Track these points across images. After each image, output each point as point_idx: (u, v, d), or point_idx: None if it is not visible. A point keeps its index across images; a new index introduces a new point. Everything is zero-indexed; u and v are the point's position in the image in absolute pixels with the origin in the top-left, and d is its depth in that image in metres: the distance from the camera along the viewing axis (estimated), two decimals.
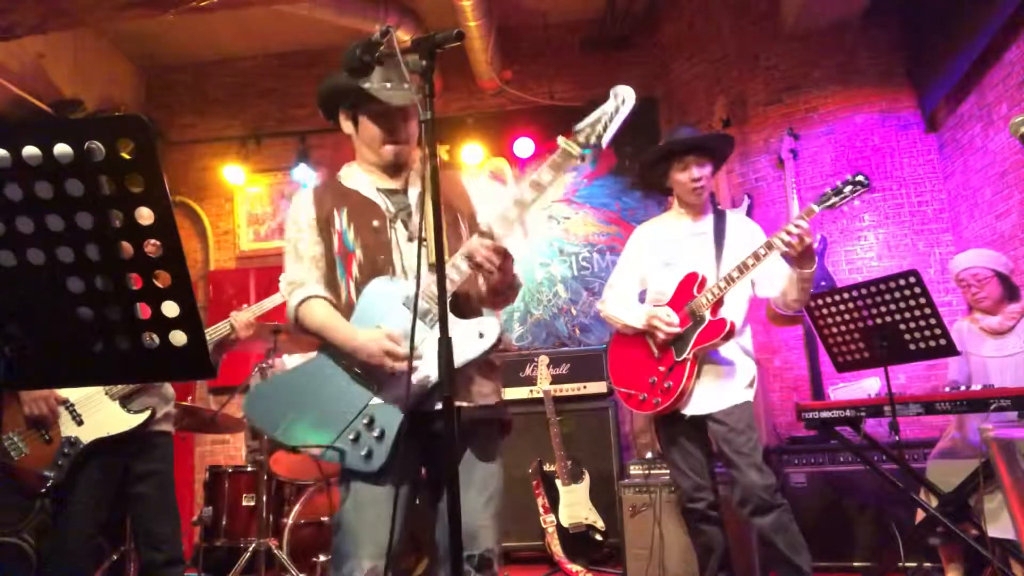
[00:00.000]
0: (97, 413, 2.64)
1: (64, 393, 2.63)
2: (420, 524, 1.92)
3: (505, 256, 1.84)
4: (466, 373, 1.86)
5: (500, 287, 1.94)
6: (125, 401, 2.67)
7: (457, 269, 1.83)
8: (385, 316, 1.87)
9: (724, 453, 2.75)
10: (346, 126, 2.06)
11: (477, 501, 1.81)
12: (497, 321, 1.85)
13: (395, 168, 2.04)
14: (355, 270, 1.94)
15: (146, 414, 2.67)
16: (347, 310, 1.94)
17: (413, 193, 2.02)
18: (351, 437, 1.81)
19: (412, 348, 1.68)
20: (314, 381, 1.90)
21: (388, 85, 1.92)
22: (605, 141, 1.87)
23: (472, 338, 1.82)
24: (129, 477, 2.70)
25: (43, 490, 2.57)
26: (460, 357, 1.75)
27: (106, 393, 2.67)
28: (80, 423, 2.62)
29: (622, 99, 1.87)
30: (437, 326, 1.75)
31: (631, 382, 2.89)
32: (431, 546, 1.89)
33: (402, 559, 1.85)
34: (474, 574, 1.79)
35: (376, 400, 1.84)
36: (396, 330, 1.82)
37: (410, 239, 1.95)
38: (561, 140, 1.86)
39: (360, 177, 2.04)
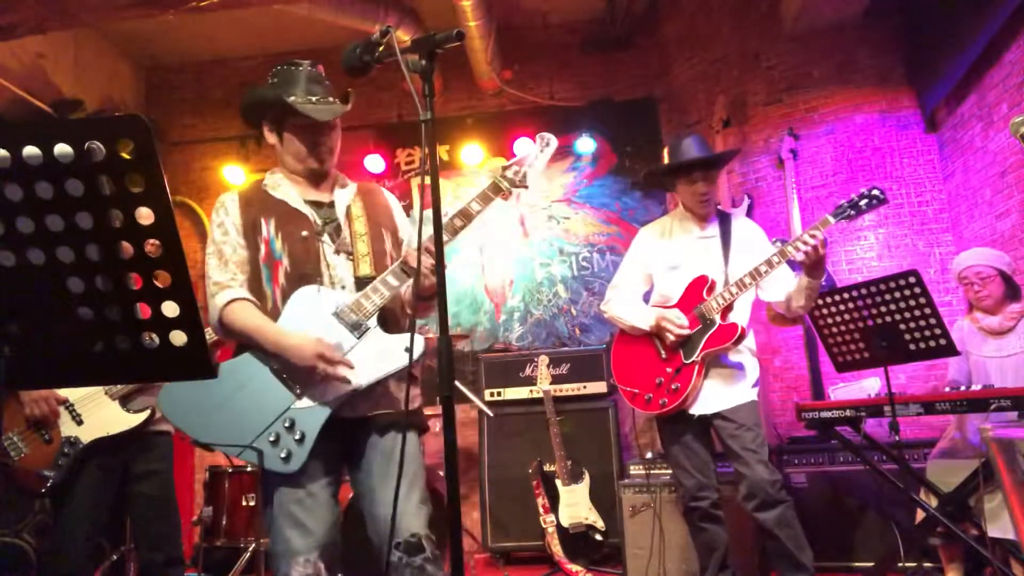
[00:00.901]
0: (97, 413, 2.64)
1: (64, 393, 2.63)
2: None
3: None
4: (387, 383, 1.95)
5: (429, 293, 1.99)
6: (125, 401, 2.68)
7: (387, 284, 1.93)
8: (312, 324, 1.91)
9: (731, 449, 2.76)
10: (270, 137, 2.09)
11: (391, 496, 1.85)
12: (421, 338, 1.94)
13: (319, 177, 2.09)
14: (281, 278, 1.98)
15: (146, 414, 2.67)
16: (272, 316, 1.96)
17: (340, 206, 2.08)
18: (270, 439, 1.85)
19: (411, 356, 1.70)
20: (235, 380, 1.90)
21: (313, 99, 1.99)
22: (530, 179, 2.05)
23: (398, 352, 1.90)
24: (129, 477, 2.70)
25: (43, 490, 2.57)
26: (385, 369, 1.90)
27: (106, 393, 2.67)
28: (80, 423, 2.62)
29: (546, 142, 2.09)
30: (367, 337, 1.92)
31: (636, 381, 2.90)
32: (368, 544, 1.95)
33: (330, 553, 1.91)
34: (406, 559, 1.83)
35: (298, 403, 1.88)
36: (325, 337, 1.89)
37: (336, 252, 2.01)
38: (495, 175, 2.02)
39: (287, 188, 2.07)
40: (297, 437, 1.84)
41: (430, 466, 2.10)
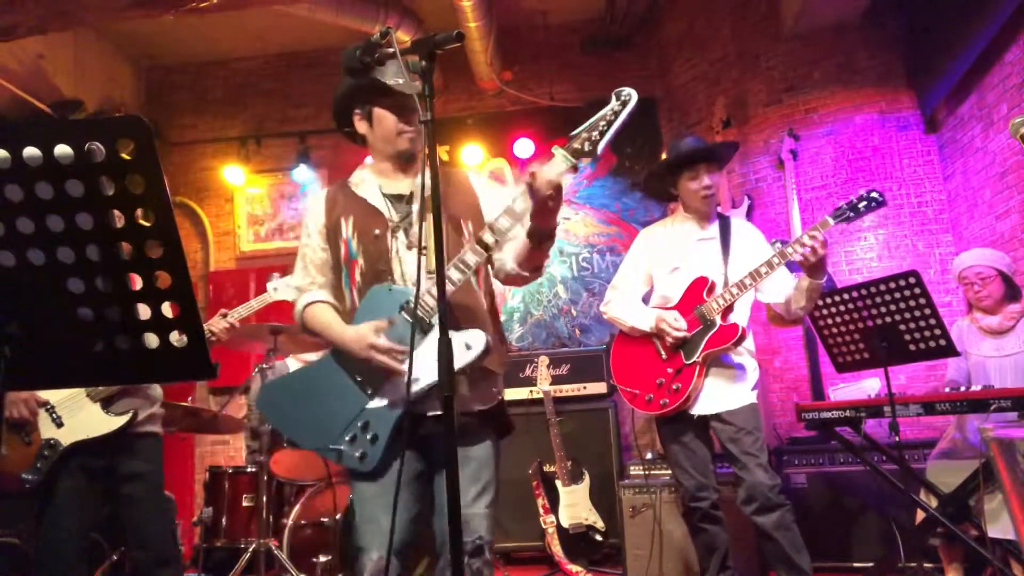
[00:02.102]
0: (77, 415, 2.61)
1: (45, 395, 2.61)
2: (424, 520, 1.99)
3: (559, 192, 1.77)
4: (459, 381, 1.91)
5: (546, 236, 1.87)
6: (107, 403, 2.64)
7: (448, 279, 1.79)
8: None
9: (731, 452, 2.76)
10: (361, 126, 2.11)
11: (469, 492, 1.88)
12: (483, 333, 1.88)
13: (408, 160, 2.09)
14: (358, 277, 2.00)
15: (127, 416, 2.63)
16: (349, 316, 2.00)
17: (416, 199, 2.04)
18: (348, 439, 1.91)
19: (412, 354, 1.70)
20: (318, 381, 1.99)
21: (399, 81, 1.96)
22: (600, 147, 1.81)
23: (460, 349, 1.83)
24: (115, 478, 2.67)
25: (22, 492, 2.55)
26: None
27: (87, 395, 2.63)
28: (60, 425, 2.59)
29: (624, 100, 1.80)
30: (431, 333, 1.87)
31: (637, 382, 2.90)
32: (430, 537, 1.98)
33: (411, 551, 1.96)
34: (467, 559, 1.86)
35: (371, 404, 1.92)
36: (385, 326, 1.90)
37: (409, 247, 1.99)
38: (556, 150, 1.82)
39: (370, 183, 2.09)
40: (370, 437, 1.90)
41: None
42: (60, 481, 2.57)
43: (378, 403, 1.92)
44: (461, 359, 1.83)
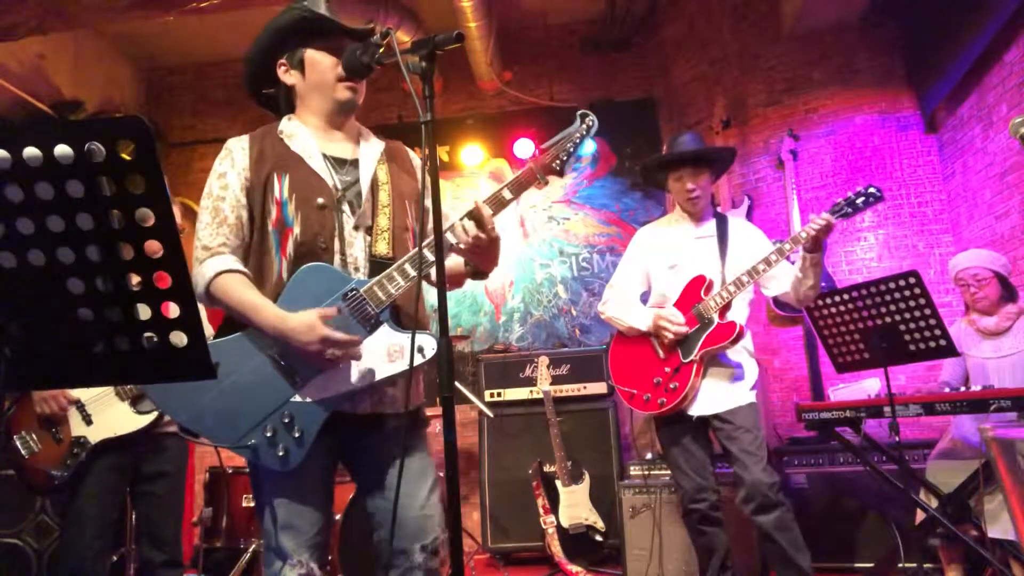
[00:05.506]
0: (106, 413, 2.64)
1: (75, 393, 2.64)
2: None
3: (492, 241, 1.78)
4: (395, 382, 1.79)
5: (480, 275, 1.90)
6: (135, 402, 2.68)
7: (404, 273, 1.75)
8: (319, 306, 1.72)
9: (729, 451, 2.76)
10: (287, 77, 1.89)
11: (419, 494, 1.78)
12: (433, 338, 1.72)
13: (343, 116, 1.90)
14: (290, 248, 1.76)
15: (153, 415, 2.67)
16: (275, 289, 1.75)
17: (365, 171, 1.88)
18: (267, 434, 1.68)
19: (412, 352, 1.66)
20: (229, 363, 1.70)
21: (331, 9, 1.84)
22: (568, 166, 1.86)
23: (409, 352, 1.72)
24: (139, 476, 2.72)
25: (52, 489, 2.59)
26: (395, 369, 1.74)
27: (116, 394, 2.67)
28: (89, 423, 2.63)
29: (590, 122, 1.88)
30: (377, 330, 1.74)
31: (634, 382, 2.90)
32: (375, 548, 1.82)
33: (326, 552, 1.83)
34: (428, 560, 1.78)
35: (298, 397, 1.72)
36: (333, 313, 1.70)
37: (356, 227, 1.81)
38: (531, 163, 1.85)
39: (305, 138, 1.85)
40: (296, 435, 1.69)
41: None
42: (88, 478, 2.59)
43: (307, 397, 1.71)
44: (414, 361, 1.71)
